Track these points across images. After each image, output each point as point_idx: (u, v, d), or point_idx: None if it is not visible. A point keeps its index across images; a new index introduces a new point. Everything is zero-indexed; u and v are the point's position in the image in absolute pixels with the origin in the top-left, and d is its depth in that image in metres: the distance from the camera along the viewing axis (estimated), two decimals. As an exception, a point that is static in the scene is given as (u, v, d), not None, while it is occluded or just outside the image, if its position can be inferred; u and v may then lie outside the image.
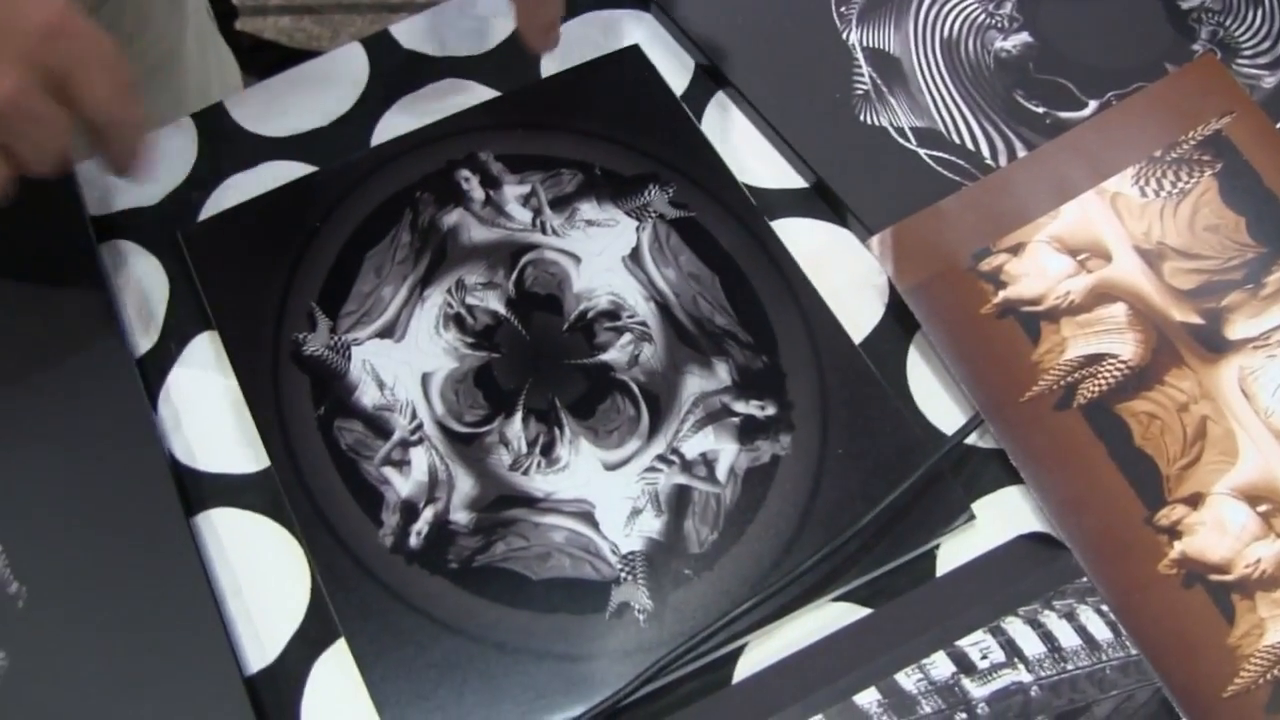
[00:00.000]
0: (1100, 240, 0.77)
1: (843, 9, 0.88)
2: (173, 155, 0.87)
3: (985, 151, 0.82)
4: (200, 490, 0.76)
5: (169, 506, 0.73)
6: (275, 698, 0.70)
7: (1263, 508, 0.70)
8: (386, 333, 0.79)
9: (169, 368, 0.80)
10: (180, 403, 0.79)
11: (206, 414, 0.78)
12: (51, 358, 0.78)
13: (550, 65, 0.90)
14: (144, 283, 0.83)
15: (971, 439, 0.75)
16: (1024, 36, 0.86)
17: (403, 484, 0.74)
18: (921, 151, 0.82)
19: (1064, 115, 0.83)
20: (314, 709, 0.70)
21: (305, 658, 0.71)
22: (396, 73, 0.91)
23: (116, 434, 0.75)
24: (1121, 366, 0.73)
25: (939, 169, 0.82)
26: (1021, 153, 0.82)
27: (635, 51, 0.89)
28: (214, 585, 0.72)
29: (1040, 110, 0.84)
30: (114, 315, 0.80)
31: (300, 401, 0.77)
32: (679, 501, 0.73)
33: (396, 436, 0.75)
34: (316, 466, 0.75)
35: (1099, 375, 0.73)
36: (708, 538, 0.72)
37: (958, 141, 0.83)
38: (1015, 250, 0.77)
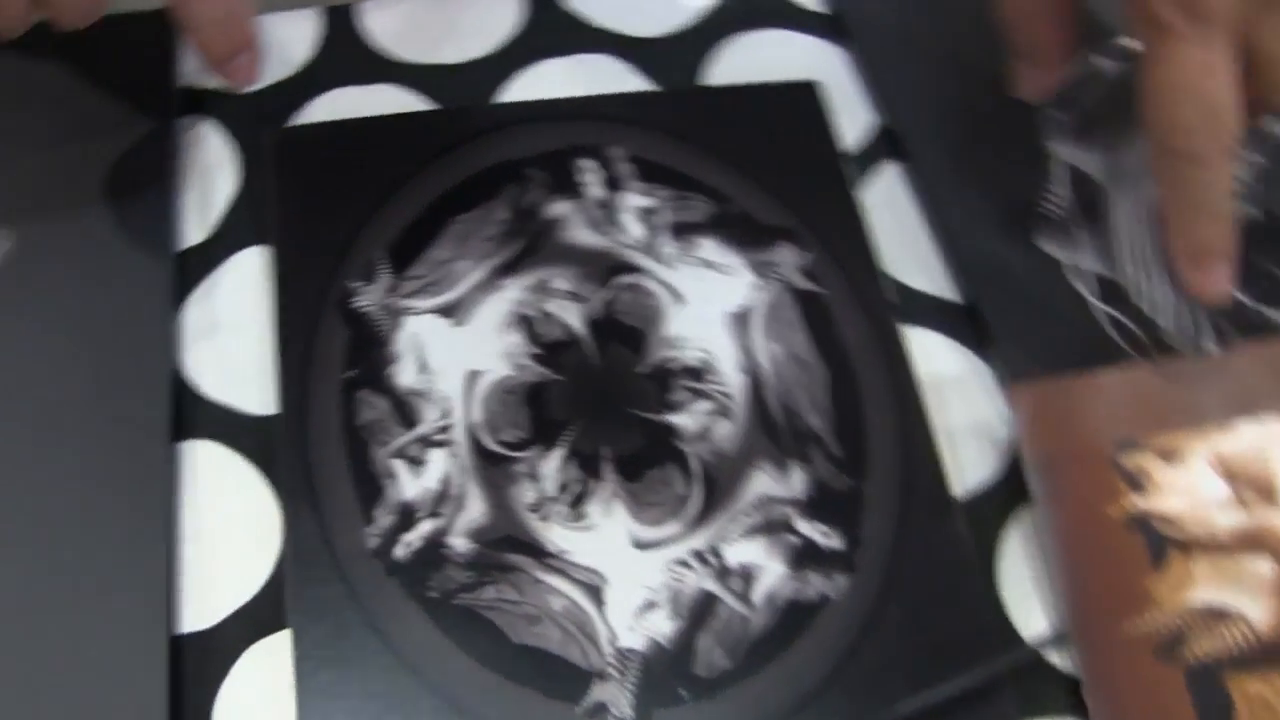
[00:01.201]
0: (1271, 479, 0.66)
1: (1056, 113, 0.77)
2: (286, 45, 0.79)
3: (1169, 329, 0.71)
4: (197, 415, 0.68)
5: (157, 420, 0.66)
6: (198, 669, 0.62)
7: None
8: (448, 312, 0.70)
9: (208, 273, 0.72)
10: (207, 315, 0.71)
11: (230, 336, 0.70)
12: (87, 222, 0.71)
13: (718, 74, 0.81)
14: (213, 173, 0.75)
15: (1048, 652, 0.65)
16: (1249, 209, 0.74)
17: (409, 484, 0.66)
18: (1095, 302, 0.72)
19: (1273, 315, 0.72)
20: (233, 695, 0.62)
21: (243, 637, 0.63)
22: (550, 31, 0.82)
23: (128, 325, 0.68)
24: (1248, 634, 0.63)
25: (1111, 331, 0.71)
26: (1211, 344, 0.71)
27: (813, 89, 0.80)
28: (175, 520, 0.65)
29: (1248, 301, 0.72)
30: (169, 197, 0.73)
31: (332, 356, 0.69)
32: (701, 610, 0.64)
33: (420, 430, 0.67)
34: (324, 433, 0.67)
35: (1218, 634, 0.63)
36: (718, 662, 0.63)
37: (1141, 307, 0.71)
38: (1168, 456, 0.67)
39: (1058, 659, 0.65)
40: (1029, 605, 0.66)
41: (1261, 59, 0.64)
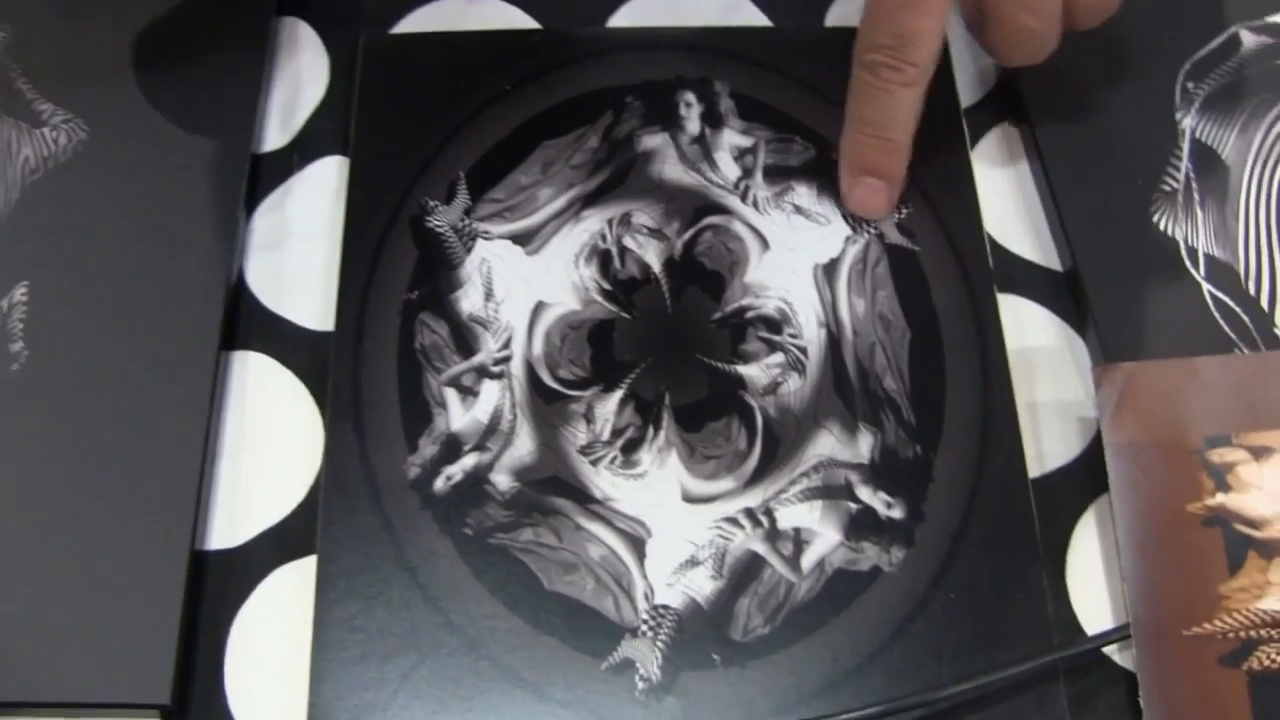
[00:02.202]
0: (1367, 488, 0.61)
1: (1190, 84, 0.73)
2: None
3: (1279, 320, 0.66)
4: (252, 325, 0.67)
5: (209, 326, 0.64)
6: (219, 588, 0.60)
7: None
8: (522, 239, 0.68)
9: (283, 180, 0.71)
10: (278, 222, 0.70)
11: (298, 246, 0.69)
12: (168, 115, 0.70)
13: (838, 15, 0.77)
14: (303, 77, 0.74)
15: (1107, 649, 0.60)
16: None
17: (459, 415, 0.63)
18: (1206, 286, 0.67)
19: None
20: (252, 618, 0.60)
21: (269, 559, 0.61)
22: (669, -45, 0.78)
23: (194, 224, 0.67)
24: (1322, 649, 0.58)
25: (1216, 315, 0.66)
26: (1323, 342, 0.66)
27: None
28: (215, 432, 0.63)
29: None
30: (255, 97, 0.71)
31: (397, 275, 0.67)
32: (745, 572, 0.60)
33: (477, 359, 0.65)
34: (378, 354, 0.65)
35: (1290, 646, 0.58)
36: (756, 628, 0.59)
37: (1252, 293, 0.67)
38: (1259, 454, 0.61)
39: (1118, 656, 0.60)
40: (1096, 598, 0.62)
41: (993, 12, 0.66)
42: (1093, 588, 0.62)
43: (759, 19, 0.77)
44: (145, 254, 0.65)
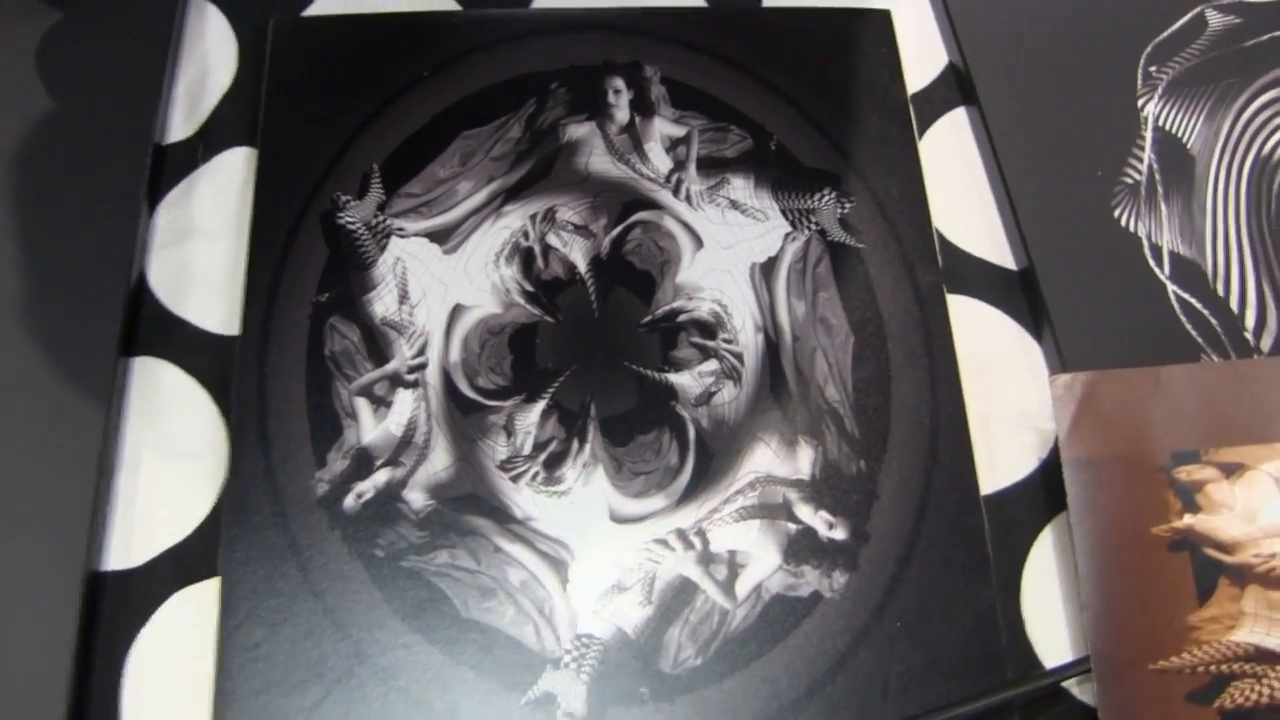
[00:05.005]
0: (1346, 508, 0.58)
1: (1153, 68, 0.70)
2: (306, -76, 0.73)
3: (1250, 323, 0.64)
4: (154, 329, 0.63)
5: (107, 330, 0.61)
6: (116, 612, 0.57)
7: None
8: (439, 237, 0.64)
9: (187, 173, 0.67)
10: (179, 219, 0.66)
11: (203, 244, 0.65)
12: (63, 102, 0.66)
13: (779, -6, 0.74)
14: (209, 60, 0.70)
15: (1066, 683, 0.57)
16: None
17: (371, 427, 0.60)
18: (1171, 287, 0.64)
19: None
20: (151, 644, 0.57)
21: (170, 581, 0.58)
22: (596, -67, 0.75)
23: (91, 220, 0.63)
24: (1299, 684, 0.55)
25: (1183, 319, 0.64)
26: (1299, 346, 0.63)
27: (883, 20, 0.72)
28: (112, 444, 0.59)
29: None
30: (158, 84, 0.67)
31: (305, 276, 0.63)
32: (676, 598, 0.57)
33: (391, 367, 0.61)
34: (285, 361, 0.61)
35: (1265, 680, 0.55)
36: (688, 660, 0.56)
37: (1221, 294, 0.64)
38: (1230, 471, 0.58)
39: (1077, 690, 0.57)
40: (1054, 627, 0.59)
41: None
42: (1050, 615, 0.59)
43: (697, 0, 0.73)
44: (38, 253, 0.62)
